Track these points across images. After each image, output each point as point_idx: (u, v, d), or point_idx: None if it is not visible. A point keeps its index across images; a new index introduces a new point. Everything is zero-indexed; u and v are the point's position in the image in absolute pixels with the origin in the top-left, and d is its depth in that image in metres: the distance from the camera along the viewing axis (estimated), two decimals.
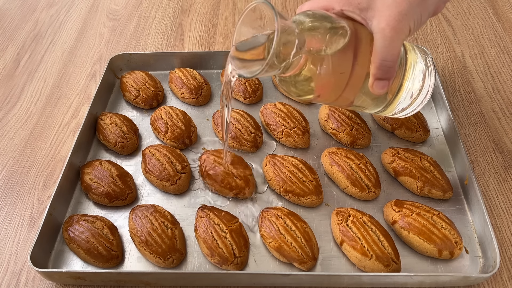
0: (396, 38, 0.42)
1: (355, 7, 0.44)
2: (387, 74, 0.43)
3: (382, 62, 0.43)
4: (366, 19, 0.44)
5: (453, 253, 0.53)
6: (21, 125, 0.74)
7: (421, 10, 0.43)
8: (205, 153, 0.64)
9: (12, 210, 0.62)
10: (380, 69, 0.43)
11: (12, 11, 0.99)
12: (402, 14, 0.42)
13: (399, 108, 0.51)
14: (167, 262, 0.54)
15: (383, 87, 0.44)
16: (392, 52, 0.43)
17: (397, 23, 0.42)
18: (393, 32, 0.42)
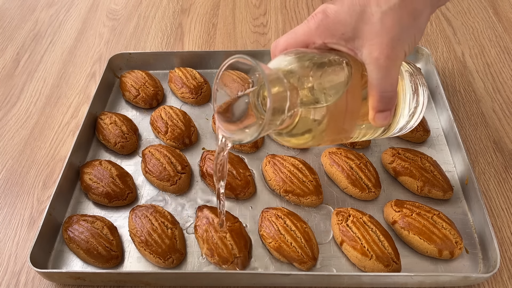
0: (392, 66, 0.39)
1: (339, 38, 0.40)
2: (388, 105, 0.40)
3: (382, 94, 0.40)
4: (355, 49, 0.40)
5: (453, 253, 0.53)
6: (20, 125, 0.74)
7: (414, 31, 0.40)
8: (205, 153, 0.64)
9: (12, 210, 0.62)
10: (381, 102, 0.40)
11: (12, 11, 0.99)
12: (395, 40, 0.38)
13: (398, 128, 0.49)
14: (167, 262, 0.54)
15: (385, 119, 0.41)
16: (391, 82, 0.40)
17: (391, 51, 0.38)
18: (388, 61, 0.39)
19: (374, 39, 0.39)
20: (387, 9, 0.39)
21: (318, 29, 0.41)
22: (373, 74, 0.39)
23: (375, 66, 0.39)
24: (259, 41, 0.88)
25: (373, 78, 0.39)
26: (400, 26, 0.39)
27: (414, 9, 0.39)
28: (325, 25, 0.41)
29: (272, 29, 0.91)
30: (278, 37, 0.89)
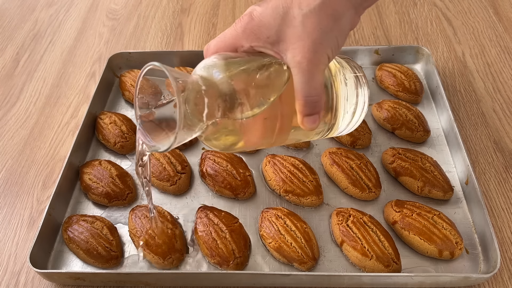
0: (315, 70, 0.38)
1: (264, 41, 0.40)
2: (314, 109, 0.40)
3: (306, 99, 0.39)
4: (280, 52, 0.40)
5: (454, 254, 0.53)
6: (20, 125, 0.74)
7: (336, 34, 0.39)
8: (205, 153, 0.64)
9: (12, 210, 0.62)
10: (306, 106, 0.39)
11: (12, 11, 0.99)
12: (317, 43, 0.38)
13: (344, 125, 0.49)
14: (167, 262, 0.53)
15: (314, 122, 0.40)
16: (315, 86, 0.39)
17: (313, 55, 0.38)
18: (310, 65, 0.38)
19: (297, 42, 0.38)
20: (307, 11, 0.38)
21: (244, 32, 0.40)
22: (297, 78, 0.39)
23: (298, 70, 0.38)
24: None
25: (297, 83, 0.39)
26: (321, 29, 0.38)
27: (334, 12, 0.39)
28: (250, 28, 0.40)
29: None
30: None
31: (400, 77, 0.73)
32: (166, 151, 0.38)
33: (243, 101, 0.39)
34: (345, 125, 0.48)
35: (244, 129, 0.41)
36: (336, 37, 0.39)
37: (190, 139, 0.40)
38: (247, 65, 0.41)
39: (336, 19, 0.39)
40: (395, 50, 0.78)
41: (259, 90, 0.40)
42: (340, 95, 0.45)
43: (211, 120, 0.39)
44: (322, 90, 0.40)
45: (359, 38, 0.87)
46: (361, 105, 0.48)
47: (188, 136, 0.38)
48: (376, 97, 0.74)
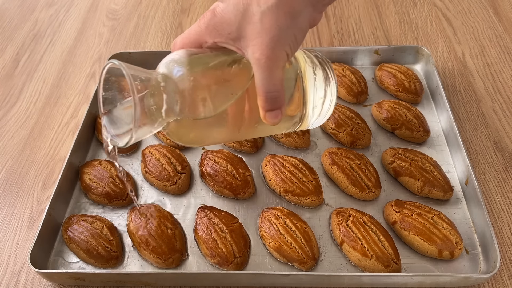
0: (274, 67, 0.39)
1: (227, 37, 0.41)
2: (275, 104, 0.41)
3: (266, 95, 0.40)
4: (241, 48, 0.41)
5: (454, 254, 0.53)
6: (20, 125, 0.74)
7: (294, 32, 0.40)
8: (205, 153, 0.64)
9: (12, 210, 0.62)
10: (267, 102, 0.40)
11: (12, 11, 0.99)
12: (275, 41, 0.39)
13: (313, 118, 0.49)
14: (166, 262, 0.53)
15: (276, 117, 0.41)
16: (274, 82, 0.40)
17: (271, 51, 0.39)
18: (269, 61, 0.39)
19: (256, 39, 0.39)
20: (265, 9, 0.39)
21: (207, 28, 0.41)
22: (257, 75, 0.40)
23: (258, 66, 0.39)
24: None
25: (257, 79, 0.40)
26: (278, 26, 0.39)
27: (291, 9, 0.39)
28: (213, 25, 0.41)
29: None
30: None
31: (400, 77, 0.73)
32: (125, 146, 0.39)
33: (204, 97, 0.39)
34: (315, 118, 0.49)
35: (207, 124, 0.41)
36: (294, 34, 0.40)
37: (150, 134, 0.40)
38: (209, 61, 0.41)
39: (294, 16, 0.40)
40: (395, 50, 0.78)
41: (221, 86, 0.41)
42: (308, 89, 0.46)
43: (170, 116, 0.39)
44: (281, 86, 0.40)
45: (359, 38, 0.87)
46: (329, 98, 0.49)
47: (147, 132, 0.39)
48: (376, 97, 0.74)
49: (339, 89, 0.73)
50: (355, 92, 0.72)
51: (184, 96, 0.39)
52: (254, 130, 0.46)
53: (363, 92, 0.73)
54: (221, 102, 0.41)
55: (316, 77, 0.47)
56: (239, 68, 0.42)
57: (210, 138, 0.44)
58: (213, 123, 0.42)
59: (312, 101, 0.47)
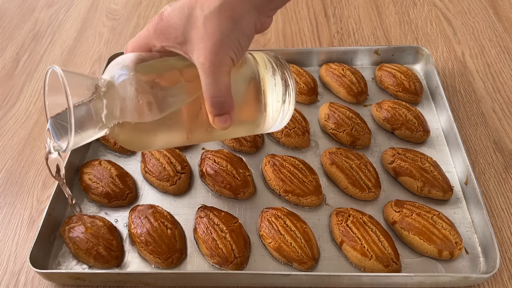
0: (218, 72, 0.39)
1: (173, 41, 0.40)
2: (222, 109, 0.40)
3: (212, 100, 0.40)
4: (188, 52, 0.40)
5: (453, 254, 0.53)
6: (20, 125, 0.74)
7: (236, 36, 0.40)
8: (204, 153, 0.64)
9: (11, 210, 0.62)
10: (213, 107, 0.40)
11: (12, 11, 0.99)
12: (217, 46, 0.39)
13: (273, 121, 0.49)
14: (166, 262, 0.53)
15: (225, 122, 0.41)
16: (219, 87, 0.39)
17: (215, 56, 0.39)
18: (213, 66, 0.39)
19: (199, 43, 0.39)
20: (208, 13, 0.39)
21: (155, 32, 0.41)
22: (202, 79, 0.39)
23: (202, 71, 0.39)
24: (259, 41, 0.88)
25: (203, 83, 0.40)
26: (220, 31, 0.39)
27: (233, 13, 0.39)
28: (160, 29, 0.41)
29: (272, 29, 0.91)
30: (278, 37, 0.89)
31: (400, 77, 0.73)
32: (66, 151, 0.39)
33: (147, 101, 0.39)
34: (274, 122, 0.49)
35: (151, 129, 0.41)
36: (237, 39, 0.40)
37: (93, 138, 0.40)
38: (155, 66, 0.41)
39: (236, 21, 0.39)
40: (395, 50, 0.78)
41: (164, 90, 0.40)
42: (268, 92, 0.46)
43: (111, 121, 0.39)
44: (227, 91, 0.40)
45: (359, 38, 0.87)
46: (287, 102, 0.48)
47: (89, 136, 0.39)
48: (375, 97, 0.75)
49: (340, 89, 0.73)
50: (355, 92, 0.72)
51: (124, 101, 0.39)
52: (209, 134, 0.46)
53: (363, 92, 0.73)
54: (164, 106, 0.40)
55: (276, 81, 0.46)
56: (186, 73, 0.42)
57: (157, 142, 0.43)
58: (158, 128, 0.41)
59: (271, 104, 0.46)
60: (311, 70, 0.78)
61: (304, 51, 0.79)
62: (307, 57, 0.79)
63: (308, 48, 0.83)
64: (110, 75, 0.40)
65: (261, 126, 0.48)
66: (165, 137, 0.43)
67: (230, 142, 0.66)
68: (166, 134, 0.43)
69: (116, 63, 0.41)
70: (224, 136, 0.51)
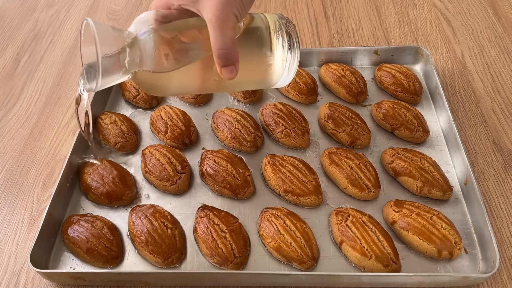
0: (223, 26, 0.44)
1: (188, 0, 0.46)
2: (228, 60, 0.45)
3: (219, 51, 0.45)
4: (200, 10, 0.46)
5: (453, 253, 0.53)
6: (20, 125, 0.74)
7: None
8: (204, 153, 0.64)
9: (12, 210, 0.62)
10: (220, 58, 0.45)
11: (12, 11, 0.99)
12: (223, 3, 0.44)
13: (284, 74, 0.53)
14: (166, 262, 0.54)
15: (231, 72, 0.46)
16: (225, 40, 0.44)
17: (220, 12, 0.44)
18: (219, 21, 0.44)
19: (208, 1, 0.44)
20: None
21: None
22: (210, 33, 0.45)
23: (210, 26, 0.44)
24: None
25: (211, 37, 0.45)
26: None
27: None
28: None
29: None
30: None
31: (400, 78, 0.73)
32: (94, 90, 0.46)
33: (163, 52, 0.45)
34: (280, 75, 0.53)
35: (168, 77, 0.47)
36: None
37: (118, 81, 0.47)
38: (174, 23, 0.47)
39: None
40: (395, 51, 0.78)
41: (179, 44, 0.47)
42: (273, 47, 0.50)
43: (133, 67, 0.45)
44: (232, 44, 0.45)
45: (359, 38, 0.88)
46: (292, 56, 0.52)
47: (114, 80, 0.46)
48: (375, 97, 0.75)
49: (339, 89, 0.73)
50: (355, 92, 0.72)
51: (144, 51, 0.45)
52: (219, 85, 0.52)
53: (363, 92, 0.73)
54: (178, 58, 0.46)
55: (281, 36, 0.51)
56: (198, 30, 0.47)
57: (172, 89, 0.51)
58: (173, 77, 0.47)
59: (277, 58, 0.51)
60: (311, 70, 0.79)
61: (304, 51, 0.79)
62: (307, 57, 0.79)
63: (308, 49, 0.83)
64: (134, 28, 0.46)
65: (268, 80, 0.53)
66: (179, 85, 0.50)
67: (230, 142, 0.67)
68: (180, 83, 0.49)
69: (140, 18, 0.47)
70: (234, 88, 0.56)
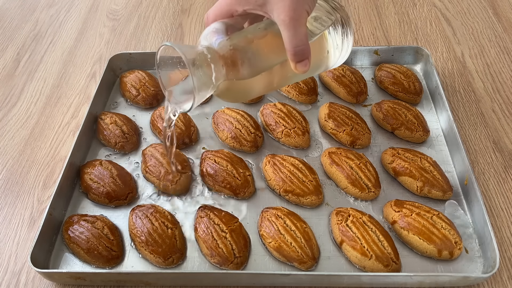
0: (297, 25, 0.45)
1: (254, 4, 0.46)
2: (303, 56, 0.47)
3: (295, 49, 0.46)
4: (268, 12, 0.46)
5: (453, 253, 0.53)
6: (21, 125, 0.74)
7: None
8: (205, 153, 0.64)
9: (12, 210, 0.62)
10: (296, 55, 0.46)
11: (12, 11, 0.99)
12: (295, 2, 0.44)
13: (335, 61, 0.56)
14: (167, 262, 0.54)
15: (305, 66, 0.47)
16: (300, 37, 0.45)
17: (294, 12, 0.44)
18: (293, 21, 0.44)
19: (279, 3, 0.45)
20: None
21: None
22: (284, 34, 0.45)
23: (283, 27, 0.45)
24: None
25: (285, 37, 0.46)
26: None
27: None
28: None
29: None
30: None
31: (400, 78, 0.73)
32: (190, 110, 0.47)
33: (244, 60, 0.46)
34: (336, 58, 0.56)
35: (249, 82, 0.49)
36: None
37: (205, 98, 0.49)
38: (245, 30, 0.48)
39: None
40: (395, 51, 0.78)
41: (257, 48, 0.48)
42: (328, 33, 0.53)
43: (219, 81, 0.47)
44: (306, 40, 0.46)
45: (359, 38, 0.88)
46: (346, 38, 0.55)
47: (203, 97, 0.47)
48: (375, 97, 0.75)
49: (340, 89, 0.73)
50: (355, 92, 0.72)
51: (227, 63, 0.46)
52: (289, 79, 0.55)
53: (363, 92, 0.73)
54: (258, 62, 0.48)
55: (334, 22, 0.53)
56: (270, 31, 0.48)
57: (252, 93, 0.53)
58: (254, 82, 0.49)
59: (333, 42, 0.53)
60: None
61: None
62: None
63: None
64: (209, 42, 0.47)
65: (325, 64, 0.56)
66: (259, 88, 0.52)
67: (230, 142, 0.67)
68: (260, 86, 0.51)
69: (210, 31, 0.47)
70: (300, 78, 0.60)
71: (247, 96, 0.55)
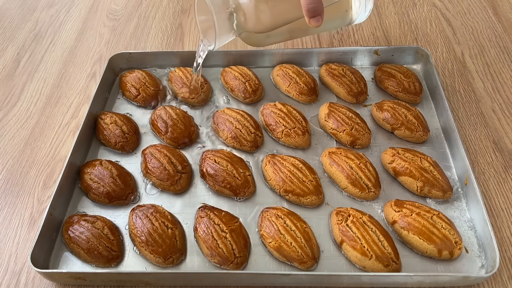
0: None
1: None
2: (315, 12, 0.52)
3: (308, 6, 0.52)
4: None
5: (453, 253, 0.53)
6: (21, 125, 0.74)
7: None
8: (205, 153, 0.64)
9: (12, 210, 0.62)
10: (308, 11, 0.52)
11: (12, 11, 0.99)
12: None
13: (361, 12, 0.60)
14: (167, 262, 0.54)
15: (318, 21, 0.53)
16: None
17: None
18: None
19: None
20: None
21: None
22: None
23: None
24: None
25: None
26: None
27: None
28: None
29: None
30: None
31: (400, 78, 0.73)
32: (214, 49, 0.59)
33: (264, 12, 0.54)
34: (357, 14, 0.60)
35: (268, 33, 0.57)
36: None
37: (228, 40, 0.58)
38: None
39: None
40: (395, 51, 0.78)
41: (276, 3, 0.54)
42: None
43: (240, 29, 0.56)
44: None
45: (359, 38, 0.88)
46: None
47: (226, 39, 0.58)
48: (375, 97, 0.75)
49: (340, 89, 0.73)
50: (355, 92, 0.72)
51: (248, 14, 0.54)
52: (306, 31, 0.62)
53: (363, 92, 0.73)
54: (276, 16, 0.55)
55: None
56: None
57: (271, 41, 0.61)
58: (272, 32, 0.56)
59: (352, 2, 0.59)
60: (311, 70, 0.79)
61: (304, 51, 0.79)
62: (307, 57, 0.79)
63: (308, 49, 0.83)
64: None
65: (347, 19, 0.61)
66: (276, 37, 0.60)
67: (230, 142, 0.67)
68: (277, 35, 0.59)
69: None
70: (318, 31, 0.64)
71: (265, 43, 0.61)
